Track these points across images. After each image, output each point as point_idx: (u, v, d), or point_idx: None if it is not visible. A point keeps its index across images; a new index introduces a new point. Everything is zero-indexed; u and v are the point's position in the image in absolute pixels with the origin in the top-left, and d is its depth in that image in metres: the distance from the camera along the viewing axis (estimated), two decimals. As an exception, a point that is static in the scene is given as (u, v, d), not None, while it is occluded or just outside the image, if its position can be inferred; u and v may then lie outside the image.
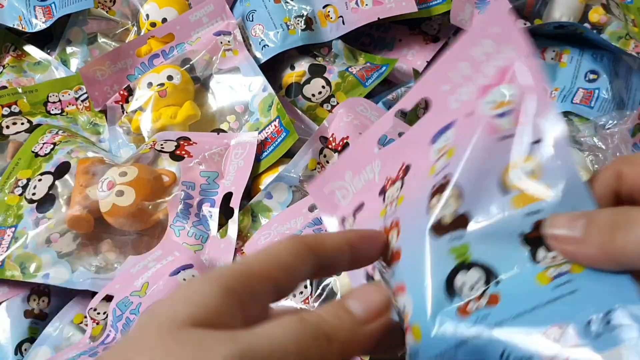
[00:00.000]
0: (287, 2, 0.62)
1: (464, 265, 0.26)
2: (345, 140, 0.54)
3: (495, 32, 0.28)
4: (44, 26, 0.65)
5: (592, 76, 0.59)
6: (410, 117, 0.56)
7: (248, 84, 0.60)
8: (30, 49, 0.67)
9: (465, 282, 0.25)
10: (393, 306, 0.26)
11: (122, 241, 0.52)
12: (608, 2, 0.61)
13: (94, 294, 0.48)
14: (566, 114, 0.58)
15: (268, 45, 0.61)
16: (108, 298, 0.46)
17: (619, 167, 0.25)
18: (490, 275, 0.25)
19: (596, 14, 0.61)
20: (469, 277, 0.25)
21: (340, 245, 0.26)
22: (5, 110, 0.60)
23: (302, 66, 0.62)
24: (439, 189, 0.27)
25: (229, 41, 0.62)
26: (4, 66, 0.66)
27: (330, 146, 0.55)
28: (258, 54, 0.62)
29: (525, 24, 0.60)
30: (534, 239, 0.25)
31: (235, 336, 0.20)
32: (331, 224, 0.34)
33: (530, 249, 0.25)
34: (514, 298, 0.25)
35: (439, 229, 0.26)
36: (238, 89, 0.61)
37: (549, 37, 0.62)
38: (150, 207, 0.51)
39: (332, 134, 0.55)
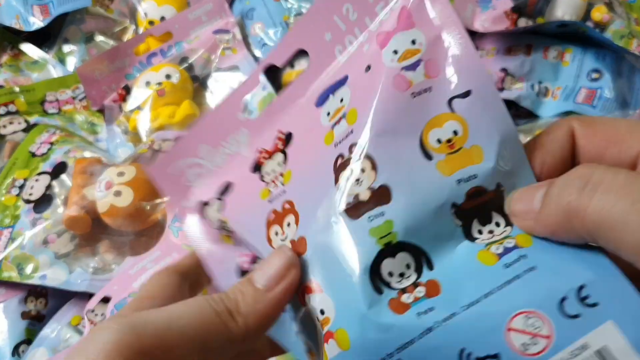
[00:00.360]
0: (287, 0, 0.62)
1: (389, 249, 0.21)
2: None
3: None
4: (41, 25, 0.64)
5: (594, 75, 0.59)
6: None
7: (247, 83, 0.60)
8: (27, 47, 0.67)
9: (393, 270, 0.21)
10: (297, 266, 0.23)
11: (120, 242, 0.52)
12: (611, 1, 0.61)
13: (91, 295, 0.47)
14: (568, 113, 0.58)
15: (267, 44, 0.61)
16: (106, 299, 0.46)
17: (572, 125, 0.22)
18: (420, 258, 0.22)
19: (599, 13, 0.60)
20: (397, 263, 0.21)
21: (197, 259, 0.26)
22: (2, 110, 0.60)
23: (302, 65, 0.61)
24: (347, 162, 0.22)
25: (228, 40, 0.61)
26: (1, 65, 0.66)
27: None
28: (257, 53, 0.62)
29: (527, 23, 0.60)
30: (467, 212, 0.22)
31: (126, 316, 0.20)
32: (184, 213, 0.27)
33: (463, 224, 0.22)
34: (458, 285, 0.21)
35: (355, 208, 0.22)
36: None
37: (551, 36, 0.61)
38: (148, 207, 0.51)
39: (332, 134, 0.55)
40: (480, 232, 0.22)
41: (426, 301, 0.21)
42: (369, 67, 0.23)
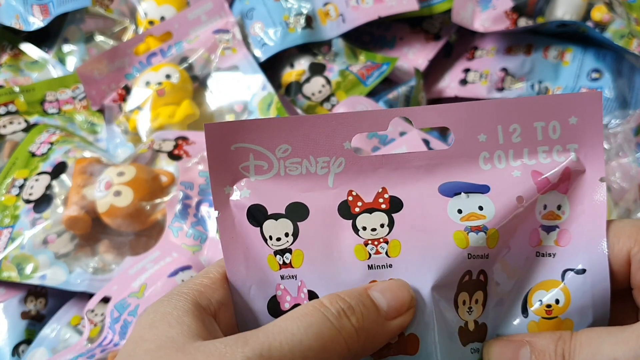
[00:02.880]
0: (287, 0, 0.62)
1: None
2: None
3: (579, 115, 0.24)
4: (41, 24, 0.64)
5: (595, 75, 0.59)
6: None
7: (247, 83, 0.60)
8: (27, 47, 0.67)
9: None
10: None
11: (120, 242, 0.52)
12: (611, 1, 0.61)
13: (91, 295, 0.47)
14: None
15: (267, 44, 0.61)
16: (106, 299, 0.46)
17: (629, 247, 0.24)
18: None
19: (599, 13, 0.60)
20: None
21: None
22: (2, 110, 0.60)
23: (302, 65, 0.61)
24: (470, 286, 0.23)
25: (228, 39, 0.61)
26: (0, 65, 0.65)
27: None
28: (257, 53, 0.61)
29: (527, 23, 0.60)
30: None
31: (245, 338, 0.20)
32: (225, 203, 0.24)
33: None
34: None
35: (463, 334, 0.23)
36: (237, 87, 0.60)
37: (552, 36, 0.61)
38: (148, 207, 0.51)
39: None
40: None
41: None
42: (521, 199, 0.24)
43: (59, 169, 0.53)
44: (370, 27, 0.66)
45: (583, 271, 0.23)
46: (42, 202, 0.52)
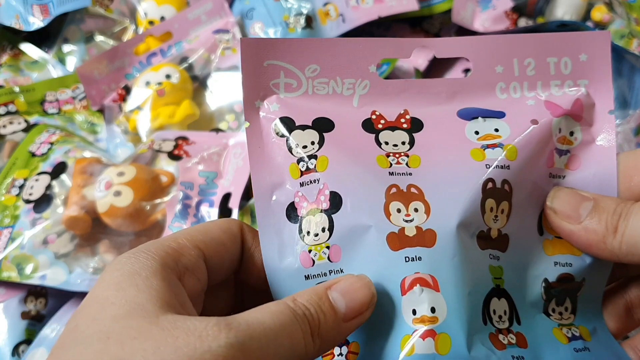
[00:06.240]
0: (287, 0, 0.62)
1: (498, 291, 0.24)
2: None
3: (589, 53, 0.25)
4: (41, 24, 0.64)
5: (595, 75, 0.59)
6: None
7: (247, 83, 0.60)
8: (27, 47, 0.67)
9: (497, 310, 0.24)
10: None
11: (120, 242, 0.52)
12: (611, 1, 0.61)
13: (91, 295, 0.47)
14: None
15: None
16: (105, 300, 0.46)
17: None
18: (513, 310, 0.24)
19: (599, 13, 0.60)
20: (500, 305, 0.24)
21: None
22: (2, 110, 0.60)
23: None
24: (496, 194, 0.24)
25: (228, 39, 0.61)
26: (0, 65, 0.65)
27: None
28: (257, 53, 0.61)
29: (527, 23, 0.60)
30: (552, 290, 0.25)
31: (227, 323, 0.20)
32: (256, 114, 0.26)
33: (545, 300, 0.25)
34: (540, 347, 0.24)
35: (483, 239, 0.24)
36: (237, 87, 0.60)
37: (551, 36, 0.61)
38: (148, 207, 0.51)
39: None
40: (553, 310, 0.25)
41: (518, 349, 0.24)
42: (535, 121, 0.25)
43: (59, 169, 0.53)
44: (370, 27, 0.66)
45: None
46: (42, 202, 0.52)
